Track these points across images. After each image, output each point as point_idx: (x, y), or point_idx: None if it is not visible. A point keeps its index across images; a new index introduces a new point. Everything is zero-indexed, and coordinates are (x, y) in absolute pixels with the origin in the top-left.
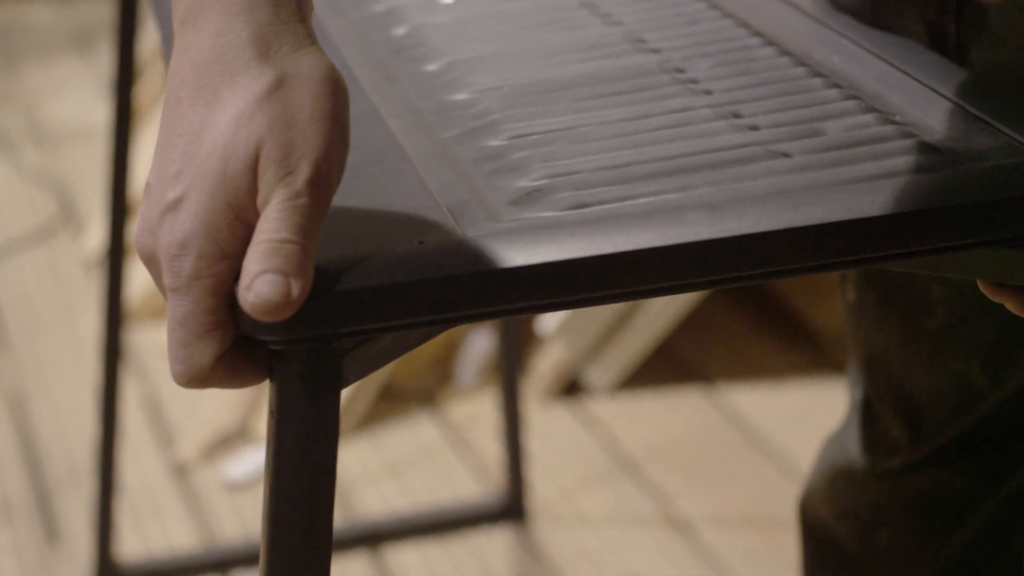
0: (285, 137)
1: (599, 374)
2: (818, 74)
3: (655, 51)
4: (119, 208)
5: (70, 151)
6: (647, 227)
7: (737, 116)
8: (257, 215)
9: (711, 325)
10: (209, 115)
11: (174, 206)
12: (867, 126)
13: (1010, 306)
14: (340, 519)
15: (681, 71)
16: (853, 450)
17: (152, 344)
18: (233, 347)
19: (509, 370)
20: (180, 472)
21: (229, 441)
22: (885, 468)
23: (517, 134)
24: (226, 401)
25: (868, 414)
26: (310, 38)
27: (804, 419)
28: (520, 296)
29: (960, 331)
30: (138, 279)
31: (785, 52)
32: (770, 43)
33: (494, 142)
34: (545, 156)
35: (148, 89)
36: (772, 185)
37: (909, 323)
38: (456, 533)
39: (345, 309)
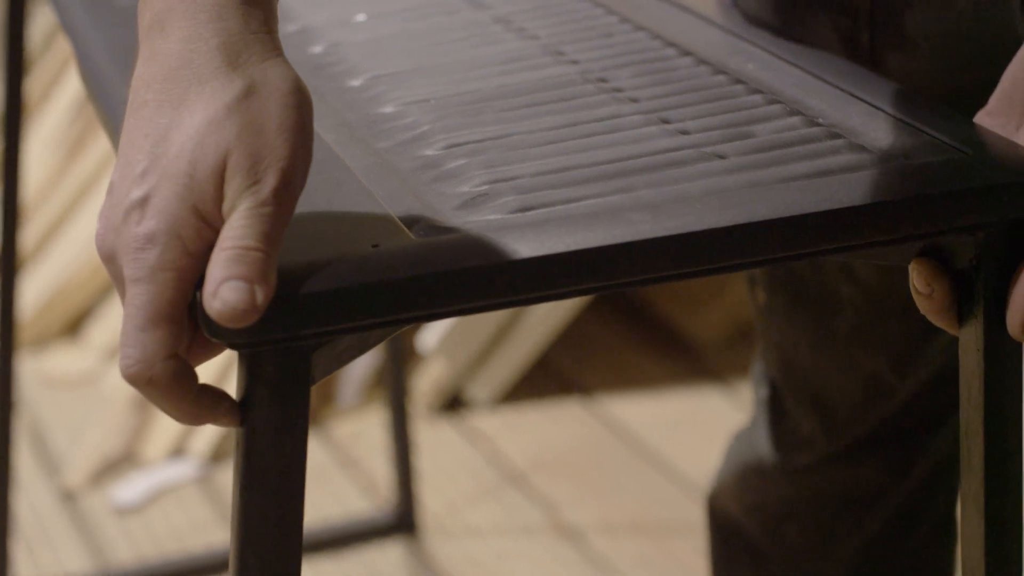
0: (253, 146)
1: (480, 389)
2: (738, 81)
3: (575, 62)
4: (10, 232)
5: None
6: (593, 227)
7: (666, 122)
8: (222, 221)
9: (588, 338)
10: (176, 117)
11: (140, 204)
12: (794, 128)
13: (927, 304)
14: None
15: (604, 80)
16: (763, 447)
17: (33, 371)
18: (182, 360)
19: (395, 386)
20: (69, 499)
21: (116, 466)
22: (796, 464)
23: (451, 143)
24: (111, 426)
25: (777, 412)
26: (277, 49)
27: (684, 426)
28: (475, 295)
29: (869, 331)
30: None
31: (702, 61)
32: (686, 53)
33: (429, 152)
34: (483, 163)
35: (35, 86)
36: (711, 185)
37: (819, 324)
38: (349, 549)
39: (309, 311)
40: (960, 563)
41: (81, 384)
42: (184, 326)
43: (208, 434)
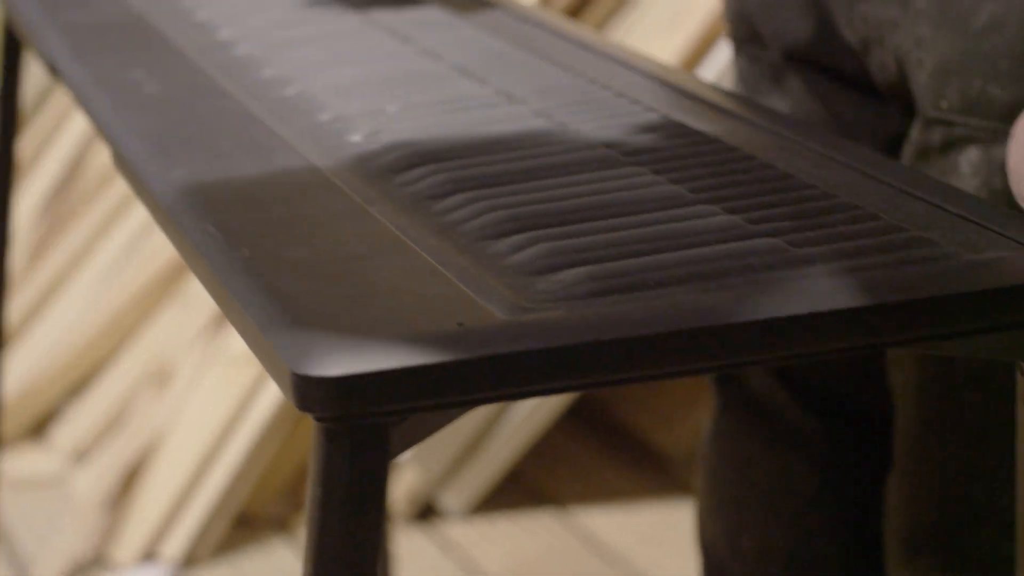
0: None
1: (453, 498)
2: (788, 175)
3: (608, 146)
4: None
5: None
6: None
7: (732, 212)
8: None
9: (559, 451)
10: None
11: None
12: (868, 221)
13: None
14: None
15: (641, 162)
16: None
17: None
18: None
19: None
20: None
21: (85, 569)
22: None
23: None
24: (80, 528)
25: None
26: None
27: (657, 538)
28: (566, 376)
29: None
30: None
31: (770, 165)
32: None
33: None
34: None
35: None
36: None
37: None
38: None
39: (400, 387)
40: None
41: (48, 486)
42: None
43: (180, 537)
